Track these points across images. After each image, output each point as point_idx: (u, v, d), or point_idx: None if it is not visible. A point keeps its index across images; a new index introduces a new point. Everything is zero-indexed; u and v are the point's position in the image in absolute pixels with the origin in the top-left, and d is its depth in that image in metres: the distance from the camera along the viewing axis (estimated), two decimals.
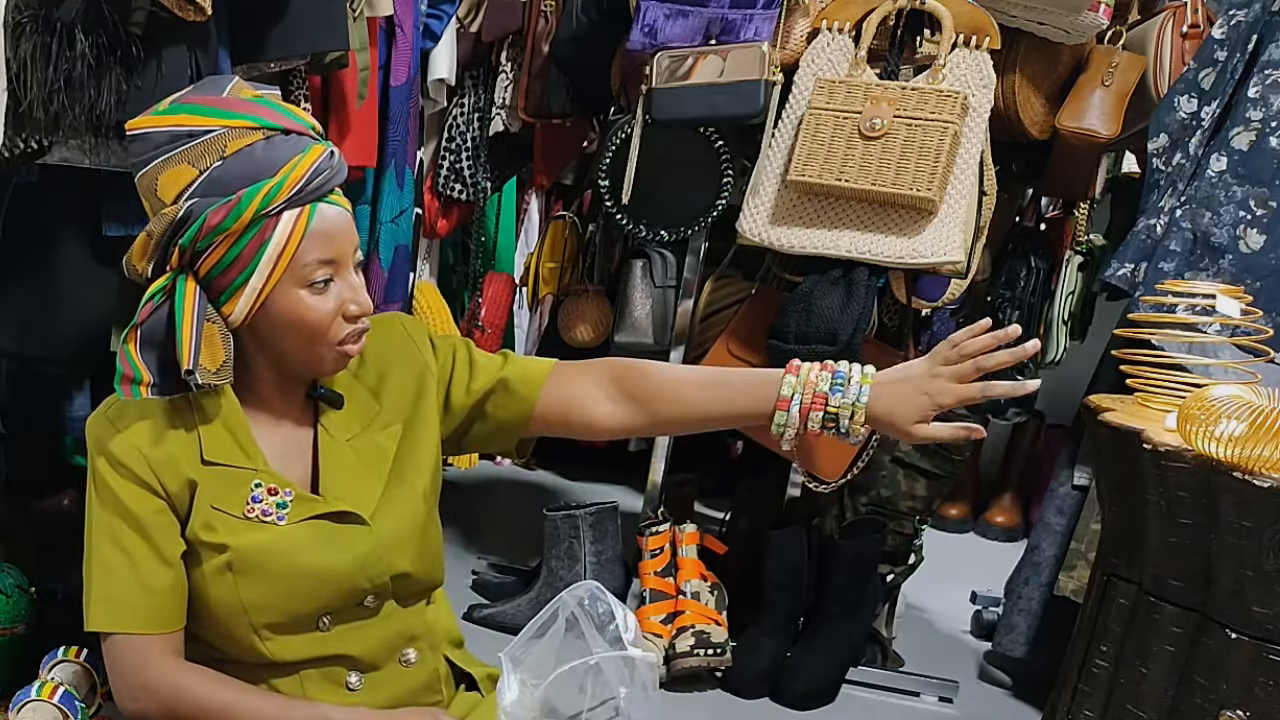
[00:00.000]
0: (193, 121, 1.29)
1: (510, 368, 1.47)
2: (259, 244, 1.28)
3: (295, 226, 1.28)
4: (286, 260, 1.29)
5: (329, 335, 1.32)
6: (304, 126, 1.33)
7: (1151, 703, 1.55)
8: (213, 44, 1.87)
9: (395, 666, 1.43)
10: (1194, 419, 1.44)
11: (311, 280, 1.30)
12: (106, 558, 1.35)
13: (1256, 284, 2.14)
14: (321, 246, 1.30)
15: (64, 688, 1.62)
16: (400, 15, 2.45)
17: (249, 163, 1.28)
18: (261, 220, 1.28)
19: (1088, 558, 2.43)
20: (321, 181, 1.30)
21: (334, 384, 1.42)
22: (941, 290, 2.51)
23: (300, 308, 1.31)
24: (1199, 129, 2.28)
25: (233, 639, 1.38)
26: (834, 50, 2.29)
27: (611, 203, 2.49)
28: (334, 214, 1.32)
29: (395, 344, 1.46)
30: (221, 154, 1.28)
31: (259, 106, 1.31)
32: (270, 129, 1.30)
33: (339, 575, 1.36)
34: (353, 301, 1.32)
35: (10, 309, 1.96)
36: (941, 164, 2.12)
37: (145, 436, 1.35)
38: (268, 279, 1.29)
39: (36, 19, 1.64)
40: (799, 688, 2.51)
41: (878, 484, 2.65)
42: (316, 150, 1.31)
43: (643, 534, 2.62)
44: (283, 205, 1.28)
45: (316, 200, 1.30)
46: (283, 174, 1.27)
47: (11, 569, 2.02)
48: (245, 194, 1.27)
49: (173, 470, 1.34)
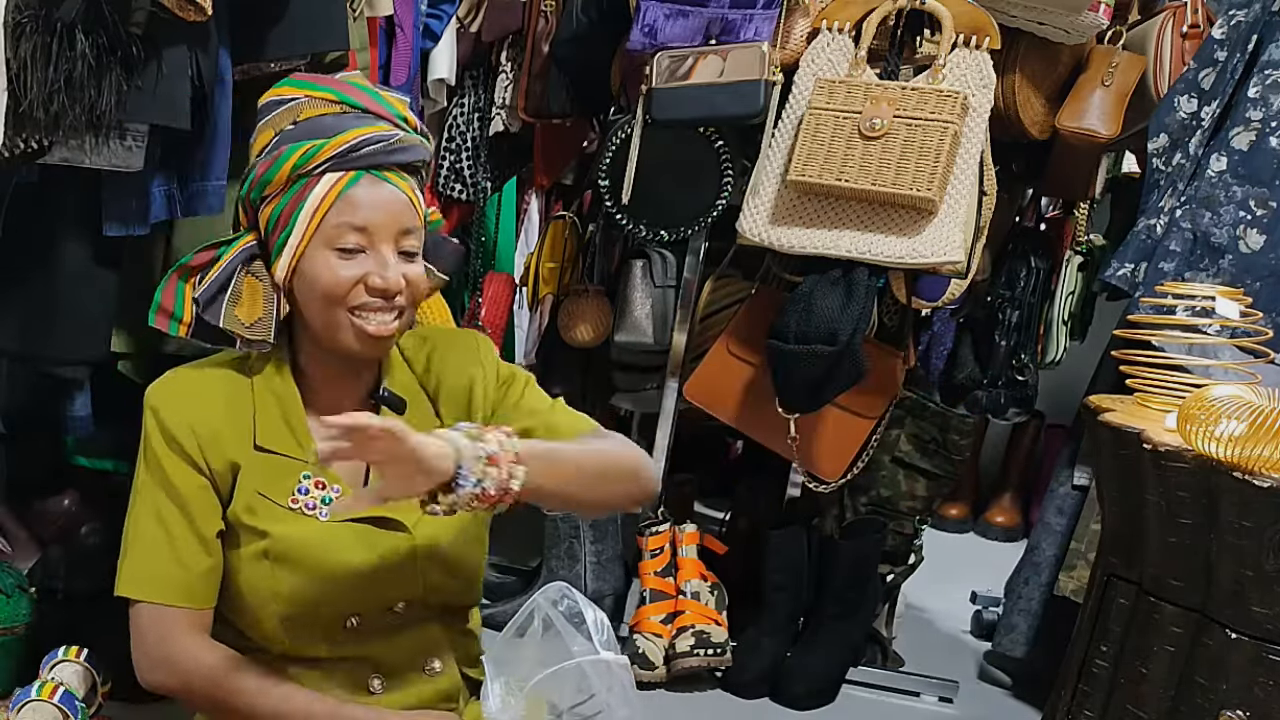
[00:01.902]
0: (286, 92, 1.36)
1: (548, 418, 1.42)
2: (298, 203, 1.31)
3: (332, 188, 1.30)
4: (318, 220, 1.30)
5: (346, 299, 1.31)
6: (388, 111, 1.35)
7: (1151, 703, 1.55)
8: (213, 44, 1.87)
9: (418, 674, 1.42)
10: (1194, 419, 1.44)
11: (339, 244, 1.30)
12: (145, 528, 1.36)
13: (1256, 284, 2.14)
14: (355, 213, 1.30)
15: (64, 688, 1.62)
16: (400, 15, 2.45)
17: (314, 128, 1.32)
18: (302, 179, 1.30)
19: (1088, 558, 2.43)
20: (371, 152, 1.31)
21: (397, 387, 1.42)
22: (941, 290, 2.51)
23: (324, 269, 1.31)
24: (1199, 129, 2.28)
25: (259, 626, 1.38)
26: (834, 50, 2.29)
27: (611, 203, 2.49)
28: (379, 187, 1.31)
29: (463, 356, 1.45)
30: (295, 119, 1.34)
31: (348, 85, 1.36)
32: (348, 105, 1.34)
33: (372, 579, 1.36)
34: (377, 274, 1.30)
35: (10, 309, 1.96)
36: (941, 164, 2.12)
37: (199, 413, 1.35)
38: (303, 237, 1.31)
39: (36, 19, 1.63)
40: (799, 688, 2.51)
41: (878, 484, 2.65)
42: (379, 127, 1.32)
43: (643, 534, 2.62)
44: (323, 166, 1.30)
45: (364, 169, 1.31)
46: (330, 138, 1.30)
47: (11, 569, 2.02)
48: (288, 149, 1.31)
49: (219, 450, 1.35)
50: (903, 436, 2.63)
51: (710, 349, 2.53)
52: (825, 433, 2.41)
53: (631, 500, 1.38)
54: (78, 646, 1.75)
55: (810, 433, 2.40)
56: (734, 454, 3.85)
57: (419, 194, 1.36)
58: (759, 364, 2.41)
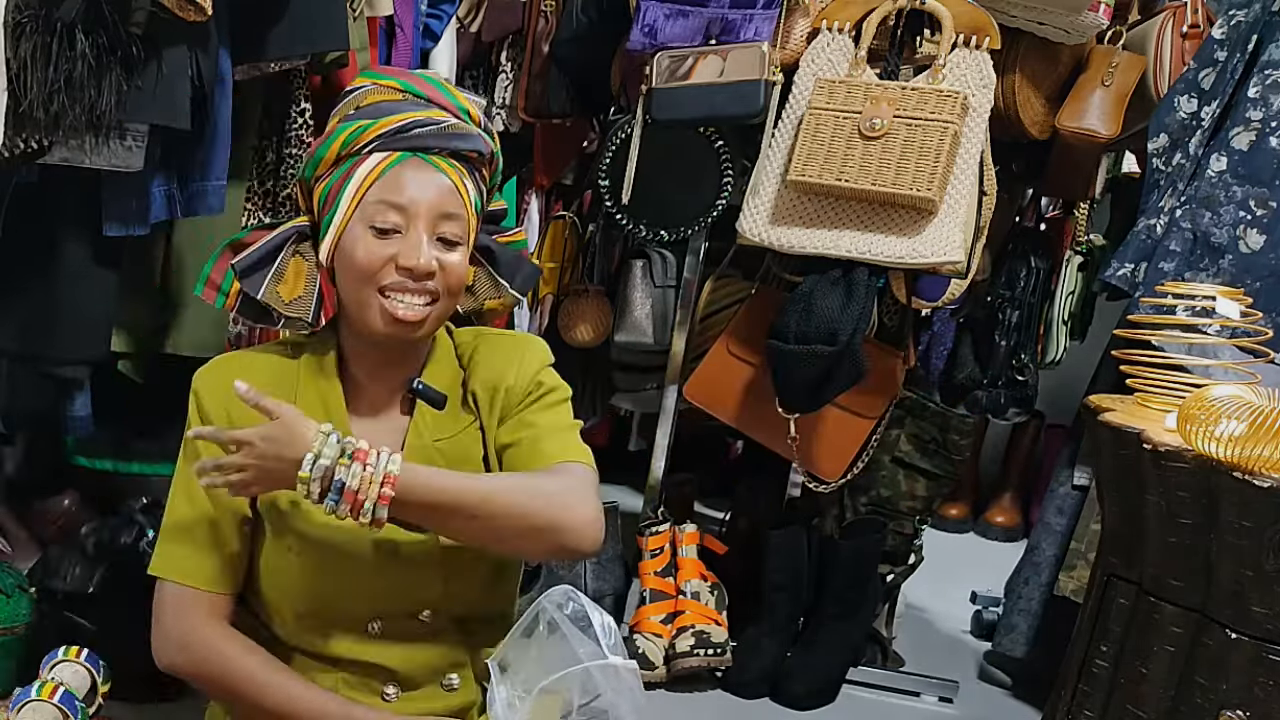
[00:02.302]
0: (358, 82, 1.38)
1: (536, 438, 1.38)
2: (344, 182, 1.32)
3: (376, 166, 1.30)
4: (360, 196, 1.31)
5: (376, 277, 1.30)
6: (451, 103, 1.35)
7: (1152, 703, 1.55)
8: (213, 44, 1.87)
9: (435, 688, 1.41)
10: (1194, 419, 1.44)
11: (377, 222, 1.30)
12: (177, 508, 1.38)
13: (1256, 284, 2.14)
14: (394, 191, 1.30)
15: (64, 688, 1.62)
16: (400, 15, 2.45)
17: (371, 112, 1.33)
18: (351, 159, 1.31)
19: (1088, 558, 2.43)
20: (420, 134, 1.31)
21: (442, 380, 1.41)
22: (941, 290, 2.51)
23: (358, 245, 1.31)
24: (1199, 129, 2.28)
25: (279, 619, 1.38)
26: (834, 50, 2.29)
27: (611, 203, 2.49)
28: (424, 170, 1.31)
29: (504, 358, 1.43)
30: (359, 105, 1.35)
31: (416, 77, 1.37)
32: (411, 93, 1.35)
33: (395, 583, 1.35)
34: (409, 255, 1.29)
35: (10, 309, 1.96)
36: (941, 164, 2.12)
37: (238, 401, 1.34)
38: (345, 214, 1.32)
39: (36, 19, 1.64)
40: (799, 688, 2.51)
41: (878, 484, 2.65)
42: (434, 113, 1.33)
43: (643, 534, 2.62)
44: (371, 145, 1.30)
45: (411, 151, 1.31)
46: (384, 118, 1.31)
47: (11, 569, 2.02)
48: (339, 126, 1.32)
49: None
50: (903, 436, 2.63)
51: (710, 349, 2.53)
52: (825, 433, 2.41)
53: (546, 554, 1.34)
54: (78, 646, 1.74)
55: (810, 433, 2.40)
56: (734, 454, 3.85)
57: (469, 184, 1.35)
58: (759, 364, 2.41)
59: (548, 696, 1.21)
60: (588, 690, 1.20)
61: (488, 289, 1.50)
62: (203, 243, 2.15)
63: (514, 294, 1.49)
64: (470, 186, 1.35)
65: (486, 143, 1.37)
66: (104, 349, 2.04)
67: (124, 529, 2.17)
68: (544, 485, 1.31)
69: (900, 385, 2.47)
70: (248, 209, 2.24)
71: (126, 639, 2.03)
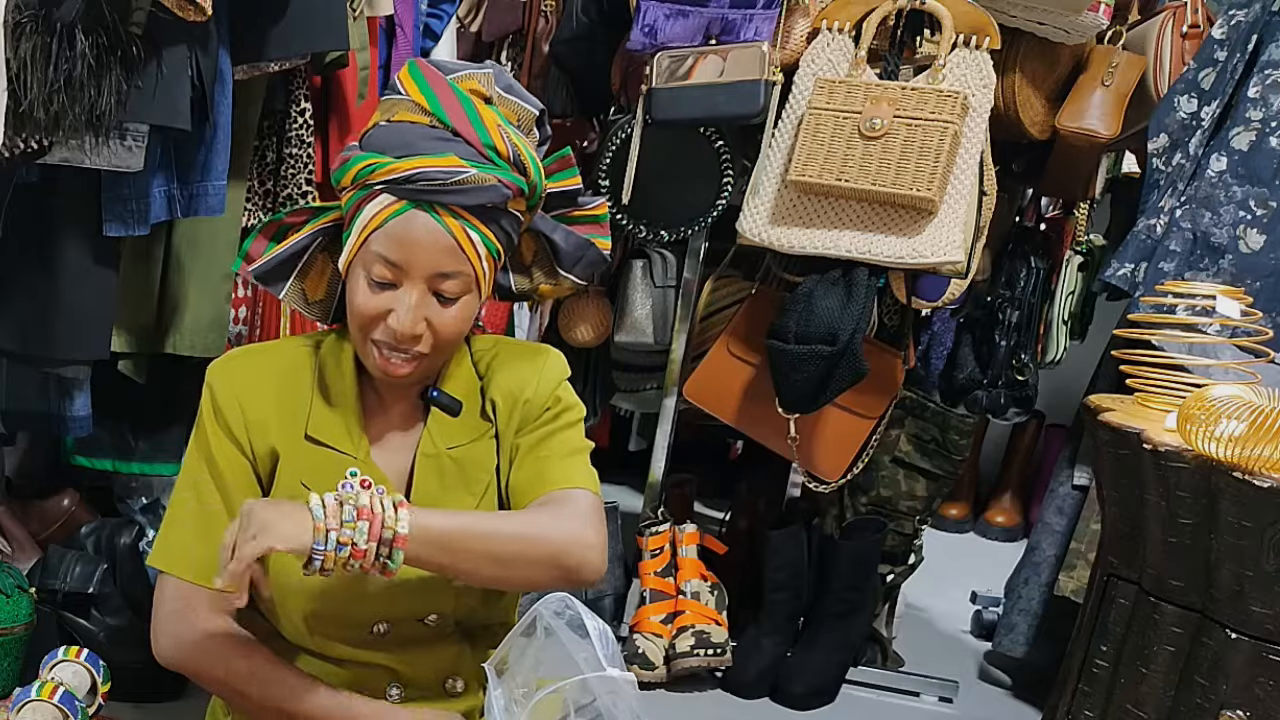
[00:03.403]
0: (400, 78, 1.32)
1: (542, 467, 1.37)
2: (357, 210, 1.29)
3: (378, 214, 1.27)
4: (360, 240, 1.28)
5: (366, 329, 1.29)
6: (480, 140, 1.27)
7: (1152, 703, 1.55)
8: (213, 44, 1.87)
9: (439, 691, 1.40)
10: (1194, 419, 1.44)
11: (372, 275, 1.27)
12: (183, 500, 1.36)
13: (1256, 284, 2.14)
14: (391, 247, 1.26)
15: (64, 688, 1.62)
16: (400, 15, 2.45)
17: (394, 136, 1.29)
18: (364, 190, 1.28)
19: (1088, 558, 2.43)
20: (423, 186, 1.25)
21: (459, 386, 1.39)
22: (941, 290, 2.51)
23: (356, 290, 1.29)
24: (1199, 129, 2.28)
25: (285, 617, 1.37)
26: (834, 50, 2.29)
27: (611, 203, 2.49)
28: (428, 227, 1.26)
29: (525, 368, 1.41)
30: (389, 117, 1.31)
31: (451, 96, 1.29)
32: (440, 121, 1.28)
33: (404, 588, 1.33)
34: (397, 317, 1.27)
35: (10, 309, 1.96)
36: (941, 164, 2.12)
37: (252, 393, 1.34)
38: (352, 250, 1.30)
39: (36, 19, 1.64)
40: (799, 688, 2.51)
41: (878, 484, 2.65)
42: (448, 160, 1.26)
43: (643, 534, 2.62)
44: (379, 185, 1.26)
45: (416, 203, 1.26)
46: (396, 160, 1.26)
47: (11, 569, 2.02)
48: (355, 157, 1.29)
49: (263, 434, 1.34)
50: (903, 436, 2.63)
51: (710, 349, 2.53)
52: (825, 433, 2.41)
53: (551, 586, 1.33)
54: (78, 646, 1.74)
55: (810, 433, 2.40)
56: (734, 454, 3.85)
57: (477, 236, 1.28)
58: (759, 364, 2.41)
59: (545, 700, 1.21)
60: (584, 697, 1.20)
61: (544, 274, 1.46)
62: (203, 243, 2.16)
63: (574, 281, 1.45)
64: (479, 238, 1.28)
65: (509, 185, 1.29)
66: (104, 349, 2.04)
67: (124, 529, 2.17)
68: (547, 521, 1.30)
69: (900, 385, 2.47)
70: (248, 209, 2.24)
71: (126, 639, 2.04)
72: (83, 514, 2.42)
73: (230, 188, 2.06)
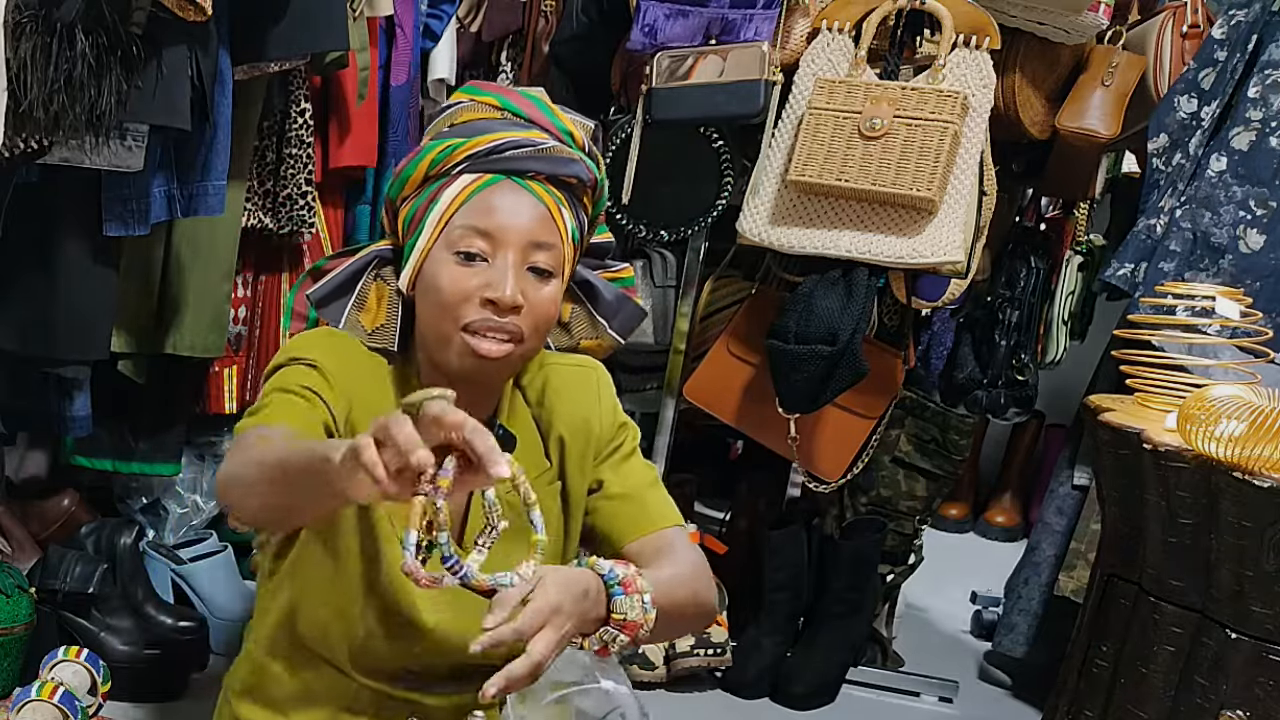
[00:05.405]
0: (456, 98, 1.30)
1: (641, 500, 1.35)
2: (430, 204, 1.24)
3: (464, 189, 1.23)
4: (446, 219, 1.23)
5: (457, 312, 1.21)
6: (552, 124, 1.25)
7: (1152, 703, 1.55)
8: (213, 44, 1.87)
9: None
10: (1194, 419, 1.44)
11: (462, 247, 1.21)
12: (256, 407, 1.26)
13: (1256, 284, 2.14)
14: (482, 216, 1.21)
15: (64, 688, 1.62)
16: (400, 15, 2.46)
17: (465, 130, 1.25)
18: (440, 179, 1.24)
19: (1088, 558, 2.43)
20: (513, 155, 1.22)
21: (513, 418, 1.33)
22: (941, 290, 2.51)
23: (441, 273, 1.22)
24: (1199, 129, 2.28)
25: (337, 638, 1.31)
26: (834, 50, 2.29)
27: (611, 203, 2.49)
28: (516, 194, 1.22)
29: (580, 393, 1.36)
30: (453, 122, 1.27)
31: (516, 94, 1.28)
32: (510, 112, 1.26)
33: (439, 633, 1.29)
34: (494, 286, 1.20)
35: (10, 309, 1.96)
36: (941, 164, 2.12)
37: (360, 386, 1.27)
38: (430, 238, 1.24)
39: (36, 19, 1.64)
40: (799, 688, 2.51)
41: (878, 484, 2.65)
42: (532, 133, 1.23)
43: None
44: (460, 165, 1.23)
45: (503, 174, 1.22)
46: (477, 137, 1.23)
47: (11, 569, 2.02)
48: (428, 144, 1.25)
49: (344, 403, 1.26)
50: (903, 436, 2.63)
51: (710, 349, 2.53)
52: (825, 433, 2.41)
53: (695, 630, 1.32)
54: (78, 646, 1.75)
55: (810, 433, 2.40)
56: (734, 454, 3.85)
57: (567, 212, 1.25)
58: (759, 364, 2.41)
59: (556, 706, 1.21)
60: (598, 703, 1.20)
61: (585, 327, 1.40)
62: (203, 243, 2.16)
63: (614, 336, 1.40)
64: (568, 214, 1.25)
65: (589, 169, 1.26)
66: (104, 349, 2.04)
67: (124, 529, 2.17)
68: (693, 575, 1.30)
69: (900, 385, 2.47)
70: (248, 209, 2.25)
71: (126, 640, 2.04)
72: (83, 514, 2.42)
73: (230, 188, 2.06)
